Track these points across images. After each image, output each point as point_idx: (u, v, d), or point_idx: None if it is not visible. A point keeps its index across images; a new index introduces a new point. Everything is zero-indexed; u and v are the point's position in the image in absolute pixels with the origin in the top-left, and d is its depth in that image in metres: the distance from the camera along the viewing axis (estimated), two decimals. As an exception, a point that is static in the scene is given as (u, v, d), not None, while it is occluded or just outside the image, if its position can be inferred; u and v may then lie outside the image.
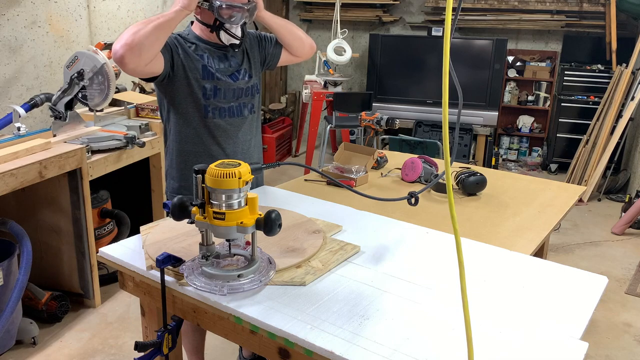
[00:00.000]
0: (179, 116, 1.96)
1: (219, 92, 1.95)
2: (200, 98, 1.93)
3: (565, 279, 1.44)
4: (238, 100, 2.01)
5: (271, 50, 2.13)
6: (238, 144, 2.03)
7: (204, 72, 1.92)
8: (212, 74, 1.93)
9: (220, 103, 1.96)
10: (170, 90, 1.93)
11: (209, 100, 1.94)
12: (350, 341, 1.12)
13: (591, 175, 4.98)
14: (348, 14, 6.29)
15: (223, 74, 1.95)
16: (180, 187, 2.03)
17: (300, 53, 2.17)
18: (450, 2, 0.85)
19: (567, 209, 2.14)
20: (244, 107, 2.03)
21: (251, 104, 2.06)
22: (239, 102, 2.01)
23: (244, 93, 2.02)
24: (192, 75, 1.90)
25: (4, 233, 2.50)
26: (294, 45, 2.13)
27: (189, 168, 1.95)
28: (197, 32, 1.97)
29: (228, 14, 1.87)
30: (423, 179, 2.38)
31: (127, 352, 2.58)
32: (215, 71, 1.93)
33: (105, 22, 4.11)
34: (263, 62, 2.13)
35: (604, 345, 2.78)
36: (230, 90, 1.97)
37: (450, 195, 0.93)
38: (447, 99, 0.87)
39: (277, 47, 2.14)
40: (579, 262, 3.68)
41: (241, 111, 2.02)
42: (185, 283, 1.32)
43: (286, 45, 2.13)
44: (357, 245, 1.55)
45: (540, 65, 5.95)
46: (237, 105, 2.01)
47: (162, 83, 1.90)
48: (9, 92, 3.38)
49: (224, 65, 1.97)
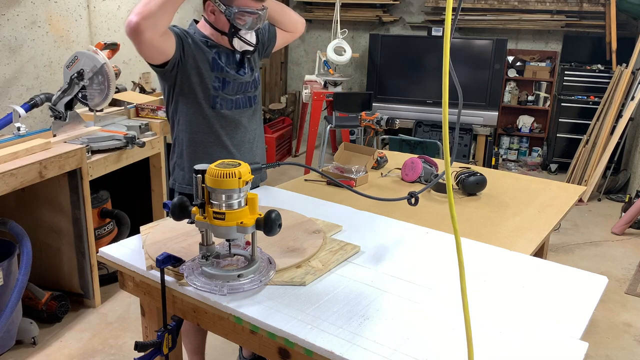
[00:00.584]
0: (189, 106, 1.98)
1: (227, 85, 1.98)
2: (210, 89, 1.95)
3: (565, 279, 1.44)
4: (244, 93, 2.05)
5: (267, 37, 2.17)
6: (245, 133, 2.07)
7: (214, 64, 1.95)
8: (221, 67, 1.96)
9: (228, 95, 1.99)
10: (180, 80, 1.93)
11: (217, 92, 1.97)
12: (350, 341, 1.12)
13: (591, 175, 4.98)
14: (348, 14, 6.29)
15: (231, 68, 1.99)
16: (191, 178, 2.04)
17: (294, 29, 2.23)
18: (450, 2, 0.85)
19: (567, 209, 2.14)
20: (248, 99, 2.08)
21: (254, 95, 2.11)
22: (244, 95, 2.06)
23: (249, 86, 2.07)
24: (202, 66, 1.93)
25: (4, 233, 2.50)
26: (288, 24, 2.19)
27: (199, 158, 1.98)
28: (206, 33, 1.98)
29: (244, 21, 1.88)
30: (423, 179, 2.38)
31: (127, 352, 2.58)
32: (224, 64, 1.97)
33: (105, 22, 4.11)
34: (261, 52, 2.18)
35: (604, 345, 2.78)
36: (237, 83, 2.01)
37: (450, 195, 0.93)
38: (447, 99, 0.87)
39: (271, 32, 2.18)
40: (579, 262, 3.68)
41: (246, 102, 2.07)
42: (185, 283, 1.32)
43: (281, 25, 2.18)
44: (357, 245, 1.55)
45: (540, 65, 5.95)
46: (243, 97, 2.05)
47: (172, 72, 1.90)
48: (9, 92, 3.38)
49: (231, 60, 2.00)
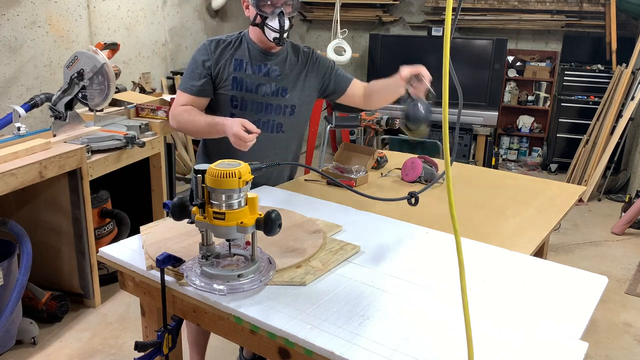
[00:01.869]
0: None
1: (245, 104, 1.99)
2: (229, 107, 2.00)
3: (565, 279, 1.44)
4: (266, 115, 2.01)
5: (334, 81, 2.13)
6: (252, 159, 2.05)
7: (234, 83, 1.97)
8: (241, 85, 1.98)
9: (245, 115, 1.96)
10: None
11: (235, 109, 1.98)
12: (350, 341, 1.12)
13: (591, 175, 4.98)
14: (348, 14, 6.29)
15: (252, 80, 1.98)
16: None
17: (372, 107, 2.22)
18: (450, 2, 0.85)
19: (567, 209, 2.14)
20: (269, 124, 2.03)
21: (279, 123, 2.04)
22: (267, 119, 2.01)
23: (274, 110, 2.02)
24: (222, 85, 1.98)
25: (4, 233, 2.50)
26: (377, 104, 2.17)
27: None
28: (250, 33, 2.01)
29: (269, 8, 1.89)
30: (423, 179, 2.38)
31: (127, 352, 2.58)
32: (244, 76, 1.97)
33: (105, 22, 4.11)
34: (323, 90, 2.14)
35: (604, 345, 2.78)
36: (255, 103, 1.99)
37: (450, 195, 0.93)
38: (447, 99, 0.87)
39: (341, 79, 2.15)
40: (579, 262, 3.68)
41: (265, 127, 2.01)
42: (185, 283, 1.32)
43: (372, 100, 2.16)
44: (357, 245, 1.55)
45: (540, 65, 5.95)
46: (264, 120, 2.01)
47: None
48: (9, 92, 3.38)
49: (259, 71, 1.99)
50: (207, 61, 1.96)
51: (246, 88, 1.98)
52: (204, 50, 1.98)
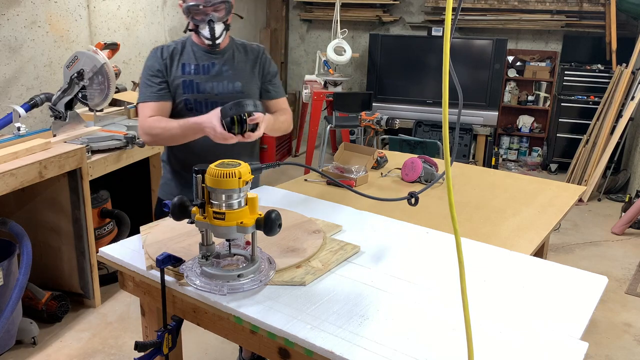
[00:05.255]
0: None
1: (200, 105, 1.97)
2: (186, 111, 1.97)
3: (565, 279, 1.44)
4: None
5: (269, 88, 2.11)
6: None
7: (184, 87, 1.96)
8: (191, 87, 1.96)
9: None
10: None
11: (191, 112, 1.96)
12: (350, 341, 1.12)
13: (591, 175, 4.98)
14: (348, 14, 6.29)
15: (203, 81, 1.97)
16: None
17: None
18: (450, 2, 0.85)
19: (567, 209, 2.14)
20: None
21: None
22: None
23: None
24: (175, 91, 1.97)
25: (4, 233, 2.50)
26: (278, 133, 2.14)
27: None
28: (192, 35, 2.01)
29: (199, 16, 1.91)
30: (423, 179, 2.38)
31: (127, 352, 2.58)
32: (194, 78, 1.96)
33: (105, 22, 4.11)
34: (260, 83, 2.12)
35: (604, 345, 2.78)
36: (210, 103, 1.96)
37: (450, 195, 0.93)
38: (447, 99, 0.87)
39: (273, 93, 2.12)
40: (579, 262, 3.68)
41: None
42: (185, 283, 1.32)
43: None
44: (357, 245, 1.55)
45: (540, 65, 5.95)
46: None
47: None
48: (9, 92, 3.38)
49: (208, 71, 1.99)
50: (159, 67, 1.96)
51: (198, 89, 1.97)
52: (153, 57, 1.98)
